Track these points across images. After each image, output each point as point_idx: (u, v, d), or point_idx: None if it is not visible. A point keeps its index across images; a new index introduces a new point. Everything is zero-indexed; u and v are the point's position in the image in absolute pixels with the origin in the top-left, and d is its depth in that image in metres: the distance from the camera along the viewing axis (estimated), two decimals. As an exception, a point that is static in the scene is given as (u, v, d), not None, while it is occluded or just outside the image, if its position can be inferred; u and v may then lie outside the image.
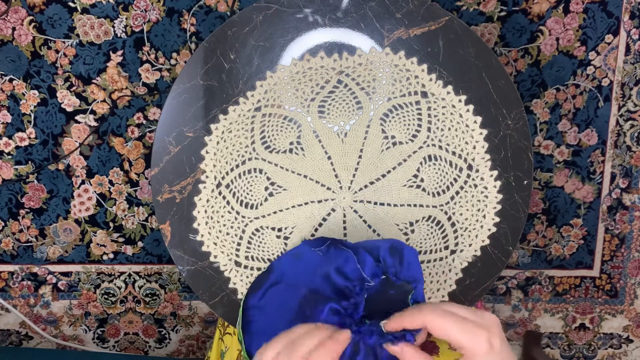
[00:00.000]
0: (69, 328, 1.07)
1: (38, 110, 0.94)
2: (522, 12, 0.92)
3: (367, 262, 0.56)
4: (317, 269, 0.59)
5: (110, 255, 1.02)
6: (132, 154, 0.97)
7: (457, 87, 0.63)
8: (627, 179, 1.01)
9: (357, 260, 0.56)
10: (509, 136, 0.64)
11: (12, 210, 0.99)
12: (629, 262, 1.05)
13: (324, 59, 0.63)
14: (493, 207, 0.65)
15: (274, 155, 0.66)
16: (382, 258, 0.56)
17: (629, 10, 0.92)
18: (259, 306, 0.61)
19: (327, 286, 0.57)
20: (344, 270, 0.57)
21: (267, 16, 0.62)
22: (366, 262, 0.56)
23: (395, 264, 0.56)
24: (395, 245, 0.57)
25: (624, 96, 0.97)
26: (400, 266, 0.56)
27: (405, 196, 0.67)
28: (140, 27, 0.91)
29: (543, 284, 1.06)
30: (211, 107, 0.63)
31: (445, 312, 0.42)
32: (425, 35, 0.62)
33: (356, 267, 0.56)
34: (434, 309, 0.43)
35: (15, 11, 0.90)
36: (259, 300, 0.61)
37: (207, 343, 1.10)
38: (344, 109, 0.65)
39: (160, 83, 0.94)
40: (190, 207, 0.65)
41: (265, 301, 0.61)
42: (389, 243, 0.57)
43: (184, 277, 0.67)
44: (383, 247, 0.57)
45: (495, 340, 0.41)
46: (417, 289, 0.54)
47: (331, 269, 0.57)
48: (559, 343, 1.11)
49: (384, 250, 0.56)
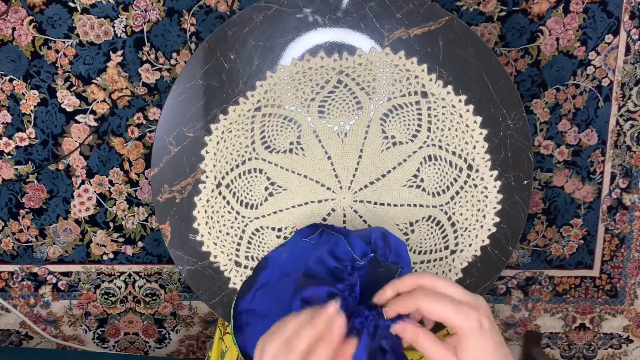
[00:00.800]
0: (69, 328, 1.07)
1: (38, 110, 0.94)
2: (522, 12, 0.92)
3: (356, 244, 0.57)
4: (310, 255, 0.59)
5: (110, 255, 1.02)
6: (132, 154, 0.97)
7: (457, 87, 0.63)
8: (627, 179, 1.01)
9: (347, 243, 0.57)
10: (509, 136, 0.64)
11: (12, 210, 0.99)
12: (629, 262, 1.05)
13: (324, 59, 0.63)
14: (493, 207, 0.65)
15: (274, 155, 0.66)
16: (373, 240, 0.57)
17: (629, 10, 0.92)
18: (251, 309, 0.61)
19: (320, 268, 0.57)
20: (336, 253, 0.57)
21: (267, 16, 0.62)
22: (356, 243, 0.57)
23: (385, 248, 0.57)
24: (385, 232, 0.58)
25: (624, 96, 0.97)
26: (389, 251, 0.57)
27: (405, 196, 0.67)
28: (140, 27, 0.91)
29: (543, 284, 1.06)
30: (211, 107, 0.63)
31: (438, 296, 0.44)
32: (425, 35, 0.62)
33: (347, 250, 0.56)
34: (427, 293, 0.45)
35: (15, 11, 0.90)
36: (249, 303, 0.61)
37: (207, 343, 1.10)
38: (344, 109, 0.65)
39: (160, 83, 0.94)
40: (190, 207, 0.65)
41: (256, 303, 0.61)
42: (380, 230, 0.59)
43: (184, 277, 0.67)
44: (375, 232, 0.58)
45: (484, 320, 0.44)
46: (403, 269, 0.55)
47: (324, 252, 0.57)
48: (559, 343, 1.11)
49: (375, 234, 0.58)
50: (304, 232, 0.63)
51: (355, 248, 0.57)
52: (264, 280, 0.62)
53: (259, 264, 0.63)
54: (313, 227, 0.63)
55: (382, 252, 0.57)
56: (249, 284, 0.62)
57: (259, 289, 0.62)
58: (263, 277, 0.62)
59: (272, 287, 0.61)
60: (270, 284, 0.61)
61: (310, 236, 0.62)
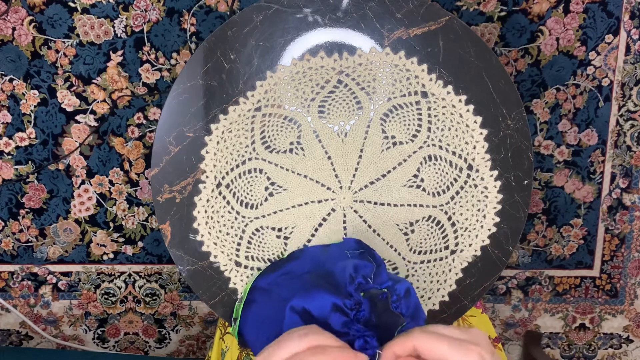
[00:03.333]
0: (69, 328, 1.07)
1: (38, 110, 0.94)
2: (522, 12, 0.92)
3: (382, 277, 0.55)
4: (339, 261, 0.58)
5: (111, 255, 1.02)
6: (132, 154, 0.97)
7: (457, 87, 0.63)
8: (627, 179, 1.01)
9: (374, 271, 0.55)
10: (509, 136, 0.64)
11: (12, 210, 0.99)
12: (629, 262, 1.05)
13: (324, 59, 0.63)
14: (493, 207, 0.65)
15: (274, 155, 0.66)
16: (397, 287, 0.55)
17: (629, 10, 0.92)
18: (267, 289, 0.60)
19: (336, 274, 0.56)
20: (358, 270, 0.56)
21: (267, 16, 0.62)
22: (381, 276, 0.55)
23: (401, 299, 0.55)
24: (410, 288, 0.56)
25: (624, 96, 0.97)
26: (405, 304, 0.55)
27: (405, 196, 0.67)
28: (140, 27, 0.91)
29: (543, 284, 1.06)
30: (211, 107, 0.63)
31: (434, 334, 0.42)
32: (425, 35, 0.62)
33: (370, 274, 0.55)
34: (422, 331, 0.42)
35: (15, 11, 0.90)
36: (267, 283, 0.61)
37: (207, 343, 1.10)
38: (344, 109, 0.65)
39: (160, 83, 0.94)
40: (190, 207, 0.65)
41: (275, 286, 0.60)
42: (407, 284, 0.56)
43: (184, 277, 0.67)
44: (404, 284, 0.55)
45: (486, 355, 0.41)
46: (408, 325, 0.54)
47: (349, 264, 0.56)
48: (559, 343, 1.11)
49: (402, 286, 0.55)
50: (350, 243, 0.62)
51: (378, 278, 0.55)
52: (292, 269, 0.61)
53: (294, 252, 0.63)
54: (359, 244, 0.62)
55: (396, 299, 0.54)
56: (275, 267, 0.62)
57: (283, 274, 0.61)
58: (293, 265, 0.62)
59: (295, 278, 0.60)
60: (295, 274, 0.60)
61: (352, 251, 0.61)
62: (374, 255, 0.59)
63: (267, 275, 0.62)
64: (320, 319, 0.52)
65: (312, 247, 0.64)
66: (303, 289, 0.54)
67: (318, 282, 0.55)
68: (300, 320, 0.52)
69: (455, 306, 0.67)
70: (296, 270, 0.61)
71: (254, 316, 0.60)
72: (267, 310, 0.58)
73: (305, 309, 0.52)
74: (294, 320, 0.52)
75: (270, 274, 0.62)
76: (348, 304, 0.52)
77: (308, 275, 0.59)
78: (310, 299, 0.52)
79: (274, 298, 0.58)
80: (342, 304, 0.52)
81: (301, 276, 0.60)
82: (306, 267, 0.61)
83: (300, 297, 0.53)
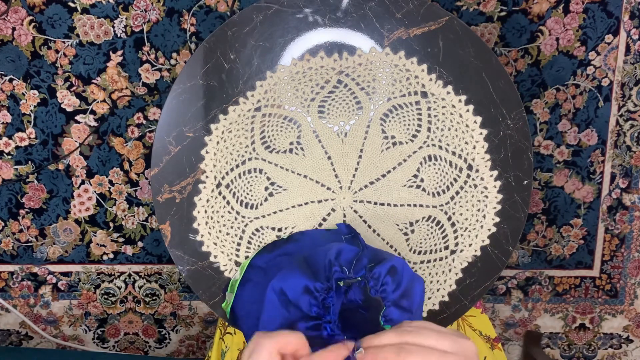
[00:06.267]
0: (69, 328, 1.07)
1: (38, 110, 0.94)
2: (522, 12, 0.92)
3: (362, 262, 0.55)
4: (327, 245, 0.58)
5: (110, 255, 1.02)
6: (132, 154, 0.97)
7: (457, 87, 0.63)
8: (627, 179, 1.01)
9: (357, 256, 0.55)
10: (509, 136, 0.64)
11: (12, 210, 0.99)
12: (629, 262, 1.05)
13: (324, 59, 0.63)
14: (493, 207, 0.65)
15: (274, 155, 0.66)
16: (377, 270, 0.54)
17: (629, 10, 0.92)
18: (263, 267, 0.60)
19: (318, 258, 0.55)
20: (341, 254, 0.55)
21: (267, 16, 0.62)
22: (362, 261, 0.55)
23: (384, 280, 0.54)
24: (398, 267, 0.55)
25: (624, 96, 0.97)
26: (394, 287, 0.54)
27: (405, 196, 0.67)
28: (140, 27, 0.91)
29: (543, 284, 1.06)
30: (211, 107, 0.63)
31: (422, 350, 0.39)
32: (425, 35, 0.62)
33: (353, 259, 0.55)
34: (410, 349, 0.39)
35: (15, 11, 0.90)
36: (265, 262, 0.61)
37: (207, 343, 1.10)
38: (344, 109, 0.65)
39: (160, 83, 0.94)
40: (190, 207, 0.65)
41: (271, 266, 0.60)
42: (398, 262, 0.55)
43: (184, 277, 0.67)
44: (390, 263, 0.55)
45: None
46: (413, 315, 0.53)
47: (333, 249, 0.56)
48: (559, 343, 1.11)
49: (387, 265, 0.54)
50: (342, 229, 0.63)
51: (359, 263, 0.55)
52: (290, 250, 0.62)
53: (294, 235, 0.63)
54: (349, 228, 0.63)
55: (374, 283, 0.54)
56: (273, 247, 0.62)
57: (281, 254, 0.61)
58: (290, 247, 0.62)
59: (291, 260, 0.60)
60: (291, 256, 0.61)
61: (345, 235, 0.62)
62: (359, 239, 0.60)
63: (266, 255, 0.62)
64: (293, 300, 0.52)
65: (313, 231, 0.65)
66: (285, 270, 0.54)
67: (300, 264, 0.55)
68: (277, 300, 0.53)
69: (455, 306, 0.67)
70: (293, 252, 0.62)
71: (247, 296, 0.60)
72: (260, 290, 0.58)
73: (282, 289, 0.53)
74: (271, 299, 0.53)
75: (267, 254, 0.62)
76: (319, 287, 0.52)
77: (296, 257, 0.59)
78: (287, 279, 0.53)
79: (268, 278, 0.58)
80: (312, 287, 0.52)
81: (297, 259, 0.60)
82: (304, 249, 0.61)
83: (280, 278, 0.53)
